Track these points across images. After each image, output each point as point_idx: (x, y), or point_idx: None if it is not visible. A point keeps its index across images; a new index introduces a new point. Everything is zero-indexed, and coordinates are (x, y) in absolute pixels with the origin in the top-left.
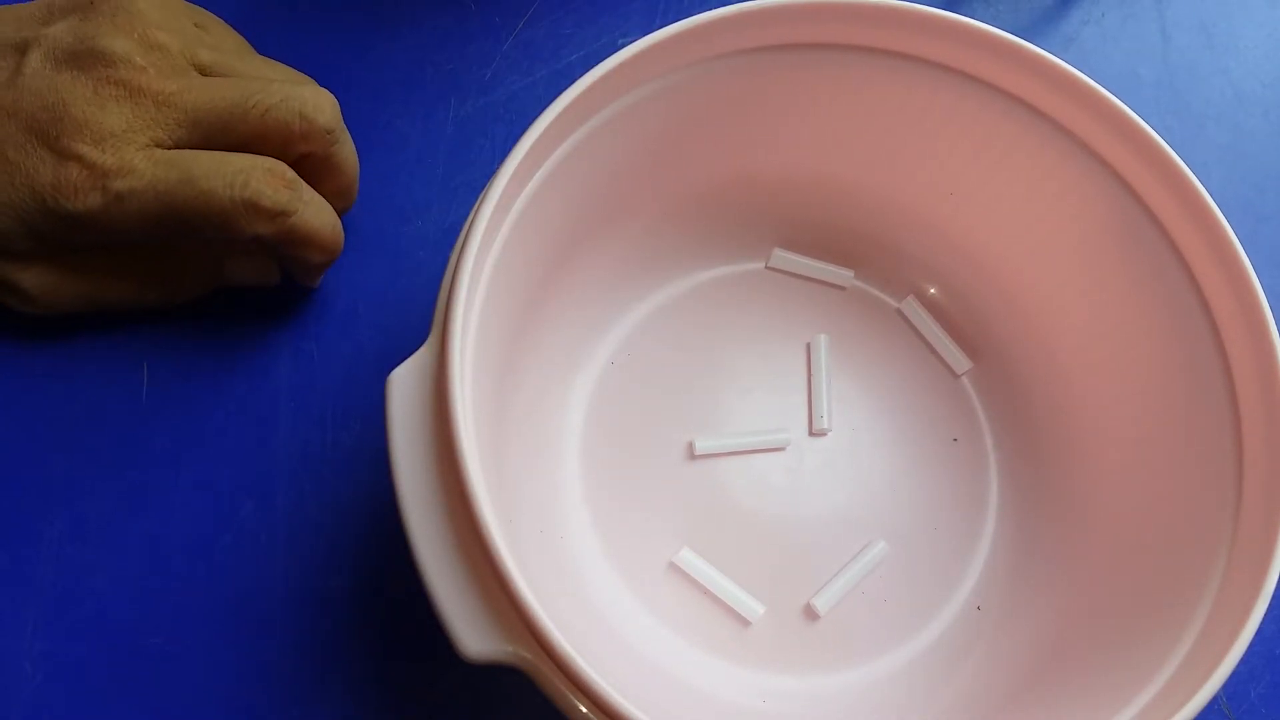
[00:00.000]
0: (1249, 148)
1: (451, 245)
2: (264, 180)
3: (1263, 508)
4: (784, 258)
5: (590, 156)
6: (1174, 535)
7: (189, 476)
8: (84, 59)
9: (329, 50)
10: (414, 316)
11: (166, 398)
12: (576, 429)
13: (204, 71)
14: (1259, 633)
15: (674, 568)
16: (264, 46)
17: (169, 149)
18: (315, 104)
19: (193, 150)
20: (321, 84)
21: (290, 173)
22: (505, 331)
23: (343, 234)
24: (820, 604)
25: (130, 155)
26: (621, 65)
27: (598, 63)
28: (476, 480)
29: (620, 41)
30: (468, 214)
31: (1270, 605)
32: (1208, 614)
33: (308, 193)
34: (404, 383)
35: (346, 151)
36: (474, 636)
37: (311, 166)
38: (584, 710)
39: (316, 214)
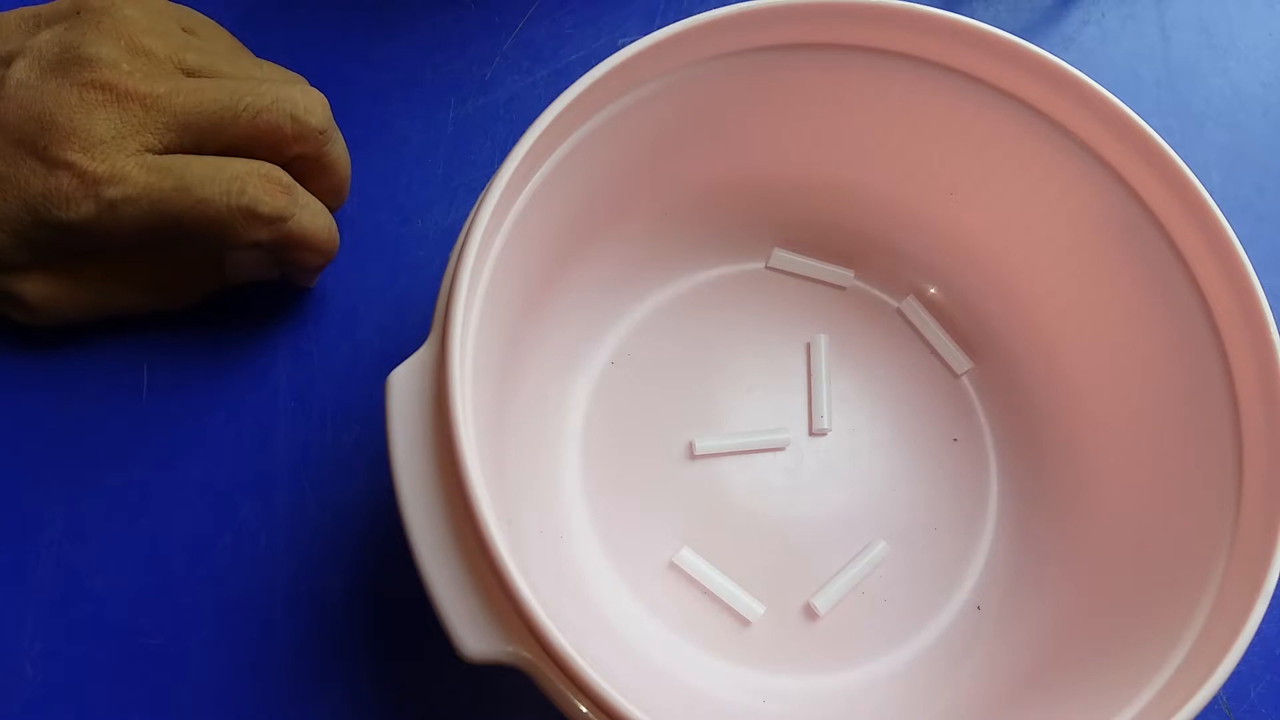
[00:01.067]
0: (1249, 148)
1: (451, 245)
2: (260, 187)
3: (1263, 508)
4: (784, 258)
5: (590, 156)
6: (1174, 535)
7: (189, 477)
8: (69, 66)
9: (329, 50)
10: (414, 316)
11: (167, 398)
12: (576, 429)
13: (192, 75)
14: (1259, 633)
15: (674, 567)
16: (264, 47)
17: (159, 154)
18: (306, 105)
19: (185, 155)
20: (321, 84)
21: (286, 177)
22: (505, 331)
23: (338, 234)
24: (820, 604)
25: (122, 162)
26: (621, 65)
27: (598, 63)
28: (476, 480)
29: (620, 41)
30: (468, 214)
31: (1270, 605)
32: (1208, 614)
33: (304, 196)
34: (404, 383)
35: (338, 150)
36: (474, 636)
37: (304, 167)
38: (584, 710)
39: (313, 217)
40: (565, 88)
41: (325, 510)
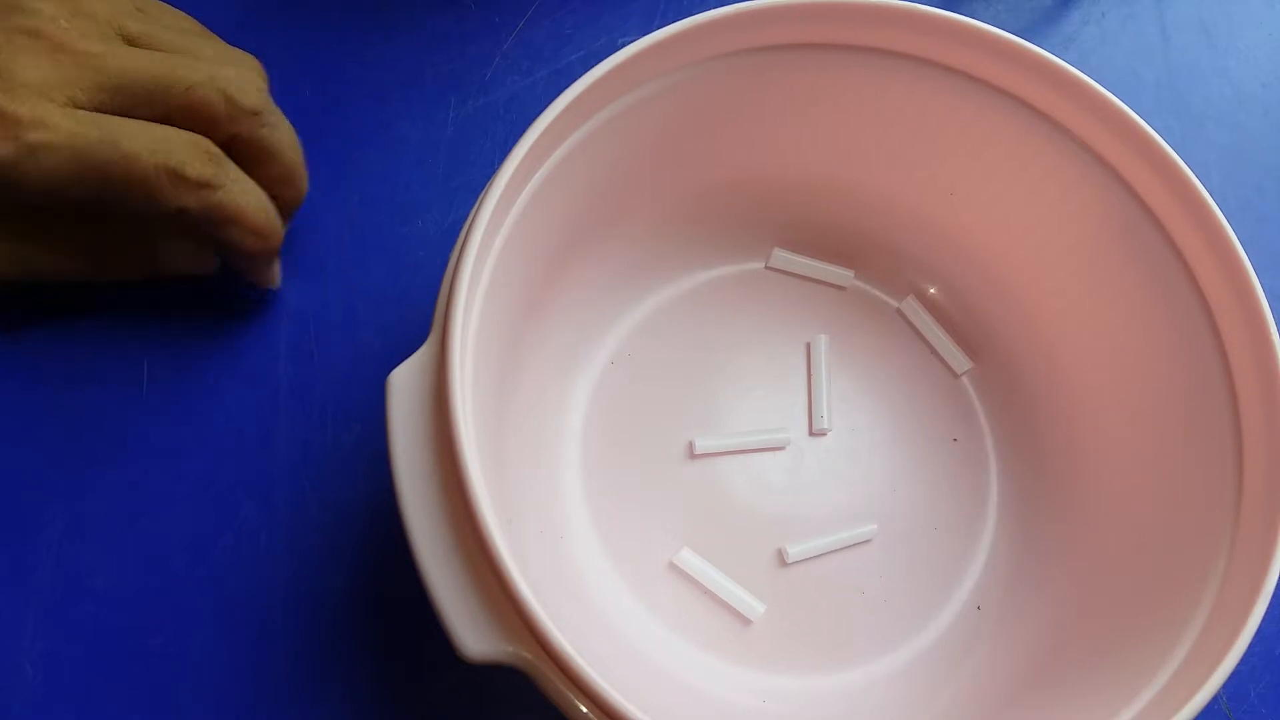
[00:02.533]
0: (1249, 148)
1: (451, 245)
2: (187, 150)
3: (1263, 507)
4: (784, 258)
5: (590, 156)
6: (1174, 535)
7: (189, 476)
8: (4, 12)
9: (328, 50)
10: (414, 316)
11: (166, 397)
12: (576, 429)
13: (132, 43)
14: (1259, 633)
15: (674, 567)
16: (263, 47)
17: (88, 111)
18: (239, 84)
19: (115, 115)
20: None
21: (214, 148)
22: (505, 331)
23: (279, 221)
24: (793, 551)
25: (45, 109)
26: (621, 65)
27: (598, 63)
28: (476, 480)
29: (620, 41)
30: (468, 214)
31: (1270, 605)
32: (1208, 614)
33: (234, 171)
34: (404, 383)
35: (279, 135)
36: (474, 636)
37: (241, 149)
38: (584, 710)
39: (243, 193)
40: (565, 88)
41: (325, 510)
